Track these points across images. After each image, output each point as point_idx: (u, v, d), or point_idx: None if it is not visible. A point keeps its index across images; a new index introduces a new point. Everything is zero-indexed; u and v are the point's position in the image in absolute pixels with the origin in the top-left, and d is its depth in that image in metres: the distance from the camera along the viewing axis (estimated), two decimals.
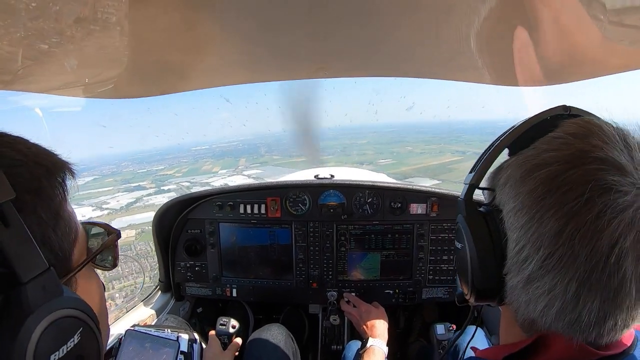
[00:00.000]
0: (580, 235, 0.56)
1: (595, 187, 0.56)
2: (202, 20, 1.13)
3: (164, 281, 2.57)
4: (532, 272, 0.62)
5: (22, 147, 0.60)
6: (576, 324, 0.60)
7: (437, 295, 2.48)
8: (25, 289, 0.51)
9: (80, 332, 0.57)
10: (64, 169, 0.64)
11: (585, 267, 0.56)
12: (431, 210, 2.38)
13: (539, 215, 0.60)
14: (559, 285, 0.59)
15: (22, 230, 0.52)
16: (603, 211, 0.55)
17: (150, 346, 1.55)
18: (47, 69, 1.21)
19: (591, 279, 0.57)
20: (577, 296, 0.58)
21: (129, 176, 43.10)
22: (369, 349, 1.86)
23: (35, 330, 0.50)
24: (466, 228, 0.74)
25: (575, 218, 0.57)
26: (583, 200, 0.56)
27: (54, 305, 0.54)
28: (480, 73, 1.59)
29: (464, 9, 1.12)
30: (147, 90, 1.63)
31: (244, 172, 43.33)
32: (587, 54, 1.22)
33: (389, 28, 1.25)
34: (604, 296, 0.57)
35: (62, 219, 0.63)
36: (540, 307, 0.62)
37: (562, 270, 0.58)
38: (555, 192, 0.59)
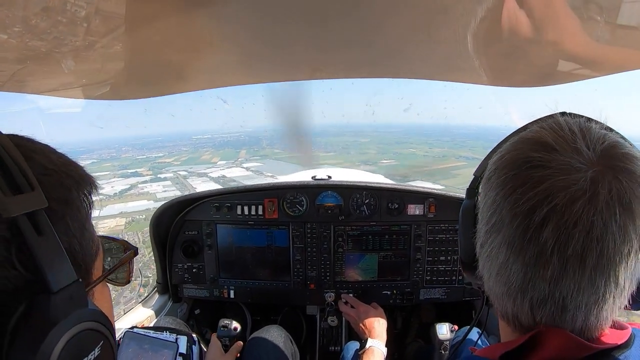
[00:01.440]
0: (506, 201, 0.63)
1: (522, 163, 0.64)
2: (200, 21, 1.13)
3: (161, 283, 2.56)
4: (483, 237, 0.70)
5: (53, 156, 0.60)
6: (509, 287, 0.66)
7: (435, 296, 2.49)
8: (54, 298, 0.51)
9: (101, 346, 0.57)
10: (90, 182, 0.65)
11: (509, 230, 0.63)
12: (428, 211, 2.39)
13: (485, 190, 0.70)
14: (495, 247, 0.66)
15: (54, 239, 0.53)
16: (525, 181, 0.62)
17: (149, 348, 1.55)
18: (44, 70, 1.20)
19: (515, 242, 0.62)
20: (506, 259, 0.64)
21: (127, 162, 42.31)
22: (368, 349, 1.86)
23: (59, 341, 0.50)
24: (461, 208, 0.87)
25: (504, 188, 0.65)
26: (511, 175, 0.64)
27: (79, 317, 0.54)
28: (477, 74, 1.60)
29: (460, 10, 1.13)
30: (144, 91, 1.62)
31: (243, 165, 42.53)
32: (583, 55, 1.23)
33: (386, 29, 1.26)
34: (526, 261, 0.62)
35: (87, 232, 0.63)
36: (487, 269, 0.70)
37: (496, 233, 0.66)
38: (496, 170, 0.68)
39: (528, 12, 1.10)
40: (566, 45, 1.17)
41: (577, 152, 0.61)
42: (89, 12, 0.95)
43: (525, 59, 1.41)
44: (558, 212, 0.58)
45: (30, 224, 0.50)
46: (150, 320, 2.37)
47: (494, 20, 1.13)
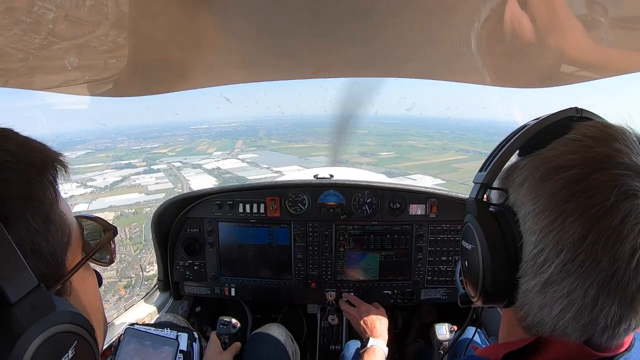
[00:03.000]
0: (604, 240, 0.56)
1: (619, 193, 0.56)
2: (203, 19, 1.13)
3: (162, 280, 2.57)
4: (550, 276, 0.61)
5: (11, 145, 0.56)
6: (590, 327, 0.60)
7: (436, 296, 2.49)
8: (14, 310, 0.48)
9: (75, 346, 0.55)
10: (54, 164, 0.60)
11: (607, 272, 0.56)
12: (430, 211, 2.38)
13: (561, 219, 0.59)
14: (578, 289, 0.59)
15: (9, 245, 0.49)
16: (627, 217, 0.55)
17: (150, 344, 1.55)
18: (48, 66, 1.21)
19: (611, 283, 0.57)
20: (595, 300, 0.58)
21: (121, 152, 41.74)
22: (370, 348, 1.86)
23: (26, 352, 0.48)
24: (478, 228, 0.72)
25: (599, 223, 0.56)
26: (608, 206, 0.56)
27: (45, 324, 0.51)
28: (481, 74, 1.59)
29: (464, 10, 1.13)
30: (147, 88, 1.63)
31: (239, 156, 42.25)
32: (586, 56, 1.23)
33: (390, 29, 1.26)
34: (622, 301, 0.57)
35: (53, 223, 0.59)
36: (557, 311, 0.62)
37: (583, 274, 0.58)
38: (579, 196, 0.58)
39: (531, 14, 1.09)
40: (569, 47, 1.17)
41: None
42: (94, 9, 0.96)
43: (529, 60, 1.41)
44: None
45: None
46: (151, 317, 2.37)
47: (498, 21, 1.13)
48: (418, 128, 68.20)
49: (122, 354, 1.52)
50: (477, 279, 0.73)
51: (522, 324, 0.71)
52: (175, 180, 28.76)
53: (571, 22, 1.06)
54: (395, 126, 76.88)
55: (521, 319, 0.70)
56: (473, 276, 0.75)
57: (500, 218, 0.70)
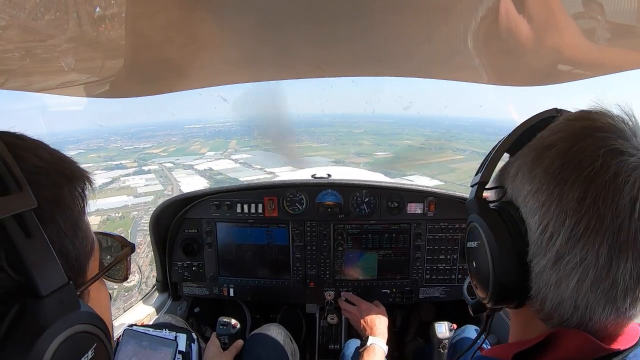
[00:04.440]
0: (602, 196, 0.58)
1: (606, 153, 0.59)
2: (201, 18, 1.13)
3: (161, 281, 2.56)
4: (560, 247, 0.61)
5: (44, 153, 0.59)
6: (611, 291, 0.60)
7: (434, 294, 2.49)
8: (44, 302, 0.50)
9: (95, 348, 0.57)
10: (83, 178, 0.63)
11: (612, 227, 0.57)
12: (428, 210, 2.39)
13: (558, 189, 0.62)
14: (590, 253, 0.59)
15: (44, 241, 0.51)
16: (618, 172, 0.58)
17: (149, 345, 1.55)
18: (44, 67, 1.20)
19: (620, 238, 0.57)
20: (609, 260, 0.58)
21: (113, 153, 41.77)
22: (370, 347, 1.86)
23: (50, 346, 0.49)
24: (482, 223, 0.73)
25: (594, 182, 0.58)
26: (598, 165, 0.59)
27: (70, 320, 0.53)
28: (478, 73, 1.60)
29: (461, 8, 1.13)
30: (145, 89, 1.62)
31: (232, 157, 42.23)
32: (583, 54, 1.23)
33: (387, 27, 1.26)
34: (635, 254, 0.57)
35: (81, 230, 0.61)
36: (574, 283, 0.61)
37: (591, 236, 0.59)
38: (570, 163, 0.61)
39: (528, 13, 1.10)
40: (566, 45, 1.18)
41: (637, 137, 0.62)
42: (91, 9, 0.95)
43: (525, 58, 1.41)
44: None
45: (18, 226, 0.49)
46: (150, 318, 2.37)
47: (495, 19, 1.14)
48: (414, 127, 68.17)
49: (121, 354, 1.51)
50: (487, 274, 0.72)
51: (540, 316, 0.70)
52: (165, 182, 28.60)
53: (568, 21, 1.07)
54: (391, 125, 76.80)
55: (539, 311, 0.69)
56: (482, 274, 0.74)
57: (501, 211, 0.72)
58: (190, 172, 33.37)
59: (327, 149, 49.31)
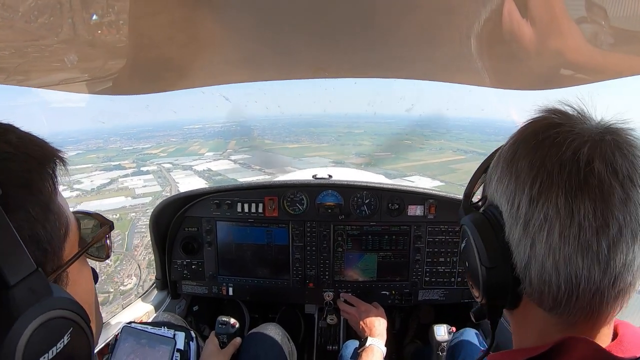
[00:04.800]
0: (547, 157, 0.64)
1: (546, 127, 0.67)
2: (203, 18, 1.13)
3: (160, 279, 2.57)
4: (526, 212, 0.66)
5: (12, 138, 0.58)
6: (582, 235, 0.61)
7: (434, 297, 2.49)
8: (13, 292, 0.50)
9: (70, 333, 0.56)
10: (54, 158, 0.62)
11: (562, 178, 0.62)
12: (429, 212, 2.39)
13: (514, 167, 0.68)
14: (550, 207, 0.63)
15: (9, 230, 0.51)
16: (557, 135, 0.64)
17: (147, 343, 1.55)
18: (47, 64, 1.21)
19: (572, 186, 0.61)
20: (569, 207, 0.61)
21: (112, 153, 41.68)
22: (368, 348, 1.86)
23: (23, 334, 0.49)
24: (467, 220, 0.78)
25: (540, 149, 0.65)
26: (540, 138, 0.66)
27: (42, 307, 0.53)
28: (480, 76, 1.59)
29: (464, 11, 1.13)
30: (146, 87, 1.62)
31: (231, 157, 42.08)
32: (585, 59, 1.23)
33: (390, 29, 1.26)
34: (591, 197, 0.60)
35: (52, 213, 0.61)
36: (545, 239, 0.64)
37: (547, 192, 0.63)
38: (520, 145, 0.69)
39: (531, 17, 1.10)
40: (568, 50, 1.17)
41: (583, 116, 0.68)
42: (93, 7, 0.95)
43: (528, 62, 1.41)
44: (597, 146, 0.61)
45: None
46: (148, 316, 2.37)
47: (498, 23, 1.13)
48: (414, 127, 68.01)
49: (119, 352, 1.52)
50: (476, 267, 0.75)
51: (535, 299, 0.70)
52: (164, 183, 28.51)
53: (571, 25, 1.07)
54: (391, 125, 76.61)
55: (533, 292, 0.69)
56: (472, 268, 0.76)
57: (484, 212, 0.77)
58: (189, 172, 33.32)
59: (327, 149, 49.23)
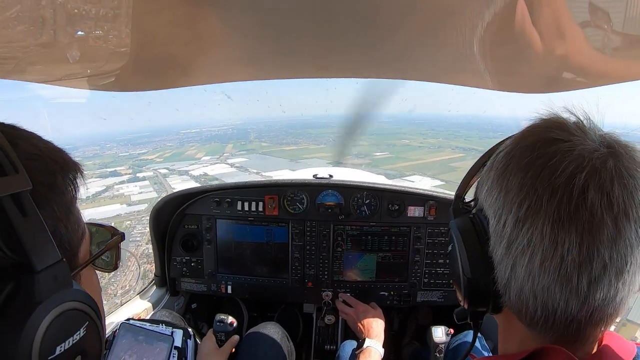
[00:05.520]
0: (539, 179, 0.61)
1: (544, 142, 0.63)
2: (206, 15, 1.13)
3: (159, 276, 2.57)
4: (510, 233, 0.64)
5: (39, 142, 0.62)
6: (562, 268, 0.59)
7: (432, 298, 2.49)
8: (38, 278, 0.52)
9: (86, 327, 0.58)
10: (75, 168, 0.66)
11: (551, 205, 0.59)
12: (429, 214, 2.39)
13: (505, 181, 0.66)
14: (535, 233, 0.61)
15: (38, 220, 0.53)
16: (553, 155, 0.61)
17: (145, 340, 1.55)
18: (49, 59, 1.20)
19: (561, 215, 0.58)
20: (554, 237, 0.59)
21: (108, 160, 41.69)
22: (366, 349, 1.86)
23: (44, 320, 0.51)
24: (454, 226, 0.77)
25: (532, 169, 0.62)
26: (535, 155, 0.63)
27: (63, 297, 0.55)
28: (482, 78, 1.59)
29: (467, 12, 1.12)
30: (149, 83, 1.62)
31: (228, 160, 42.23)
32: (588, 63, 1.22)
33: (392, 29, 1.25)
34: (579, 230, 0.58)
35: (73, 215, 0.64)
36: (525, 264, 0.63)
37: (534, 217, 0.61)
38: (513, 158, 0.66)
39: (534, 20, 1.09)
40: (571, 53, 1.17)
41: (584, 131, 0.64)
42: (96, 4, 0.95)
43: (530, 65, 1.40)
44: (596, 173, 0.58)
45: (14, 206, 0.51)
46: (147, 313, 2.38)
47: (501, 24, 1.13)
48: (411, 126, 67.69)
49: (117, 348, 1.52)
50: (459, 273, 0.75)
51: (514, 312, 0.70)
52: (160, 189, 28.43)
53: (575, 28, 1.06)
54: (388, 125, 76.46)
55: (512, 306, 0.70)
56: (456, 274, 0.77)
57: (473, 217, 0.76)
58: (186, 177, 33.25)
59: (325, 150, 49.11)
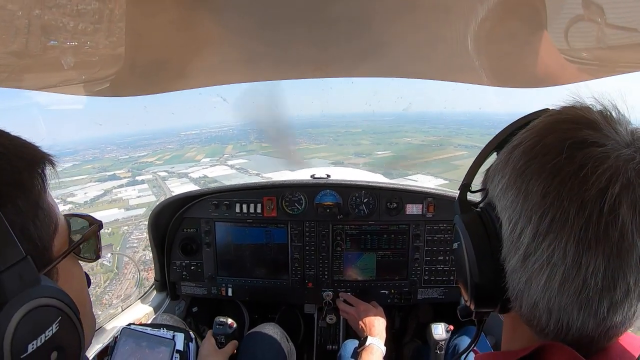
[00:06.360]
0: (567, 189, 0.54)
1: (572, 144, 0.55)
2: (201, 18, 1.13)
3: (159, 280, 2.56)
4: (528, 245, 0.58)
5: (4, 140, 0.61)
6: (583, 292, 0.54)
7: (433, 295, 2.49)
8: (2, 278, 0.51)
9: (59, 322, 0.58)
10: (44, 160, 0.65)
11: (578, 222, 0.53)
12: (427, 211, 2.39)
13: (524, 185, 0.59)
14: (557, 250, 0.55)
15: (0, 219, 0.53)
16: (585, 163, 0.53)
17: (146, 345, 1.55)
18: (44, 66, 1.20)
19: (588, 234, 0.52)
20: (578, 258, 0.53)
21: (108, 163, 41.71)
22: (368, 347, 1.86)
23: (12, 319, 0.51)
24: (460, 223, 0.72)
25: (558, 176, 0.55)
26: (563, 158, 0.55)
27: (30, 294, 0.54)
28: (478, 74, 1.60)
29: (461, 10, 1.13)
30: (144, 88, 1.62)
31: (228, 162, 42.02)
32: (583, 56, 1.23)
33: (387, 28, 1.26)
34: (607, 252, 0.52)
35: (42, 210, 0.63)
36: (543, 282, 0.57)
37: (557, 232, 0.54)
38: (535, 158, 0.59)
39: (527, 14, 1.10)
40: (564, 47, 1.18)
41: (615, 128, 0.57)
42: (91, 8, 0.95)
43: (525, 60, 1.41)
44: (630, 187, 0.52)
45: None
46: (148, 318, 2.37)
47: (494, 21, 1.14)
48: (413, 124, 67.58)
49: (119, 354, 1.51)
50: (466, 275, 0.71)
51: (523, 320, 0.67)
52: (158, 193, 28.27)
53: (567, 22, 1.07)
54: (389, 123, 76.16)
55: (522, 315, 0.66)
56: (463, 275, 0.73)
57: (481, 212, 0.70)
58: (185, 180, 33.08)
59: (326, 150, 48.99)
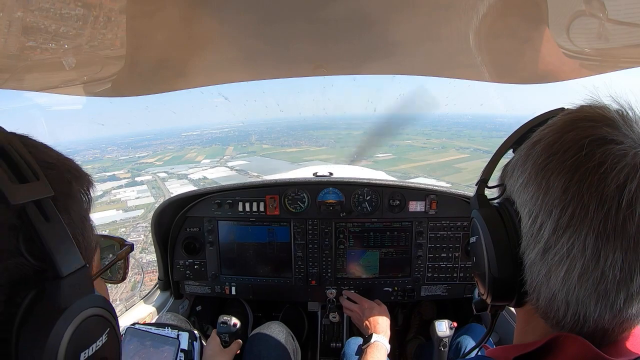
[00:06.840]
0: (586, 184, 0.56)
1: (592, 141, 0.58)
2: (201, 17, 1.12)
3: (163, 279, 2.57)
4: (548, 238, 0.61)
5: (52, 152, 0.62)
6: (601, 284, 0.57)
7: (436, 292, 2.49)
8: (63, 284, 0.51)
9: (108, 333, 0.58)
10: (87, 179, 0.66)
11: (598, 216, 0.55)
12: (430, 208, 2.39)
13: (545, 180, 0.61)
14: (576, 243, 0.57)
15: (62, 225, 0.53)
16: (604, 159, 0.56)
17: (151, 344, 1.56)
18: (45, 66, 1.20)
19: (607, 228, 0.55)
20: (597, 251, 0.56)
21: (108, 164, 41.85)
22: (373, 344, 1.87)
23: (69, 326, 0.51)
24: (479, 217, 0.74)
25: (578, 171, 0.57)
26: (582, 154, 0.57)
27: (87, 302, 0.54)
28: (479, 71, 1.59)
29: (462, 6, 1.12)
30: (145, 88, 1.62)
31: (228, 164, 42.19)
32: (583, 52, 1.22)
33: (388, 25, 1.25)
34: (624, 246, 0.55)
35: (89, 223, 0.64)
36: (562, 274, 0.60)
37: (577, 226, 0.57)
38: (556, 154, 0.61)
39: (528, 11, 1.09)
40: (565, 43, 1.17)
41: (632, 127, 0.60)
42: (91, 8, 0.95)
43: (527, 56, 1.40)
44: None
45: (37, 211, 0.51)
46: (152, 317, 2.38)
47: (496, 17, 1.13)
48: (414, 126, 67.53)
49: (123, 354, 1.52)
50: (484, 269, 0.72)
51: (539, 314, 0.69)
52: (157, 194, 28.35)
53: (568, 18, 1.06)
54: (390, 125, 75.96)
55: (539, 308, 0.68)
56: (480, 269, 0.75)
57: (500, 207, 0.72)
58: (185, 181, 33.12)
59: (327, 152, 48.86)
